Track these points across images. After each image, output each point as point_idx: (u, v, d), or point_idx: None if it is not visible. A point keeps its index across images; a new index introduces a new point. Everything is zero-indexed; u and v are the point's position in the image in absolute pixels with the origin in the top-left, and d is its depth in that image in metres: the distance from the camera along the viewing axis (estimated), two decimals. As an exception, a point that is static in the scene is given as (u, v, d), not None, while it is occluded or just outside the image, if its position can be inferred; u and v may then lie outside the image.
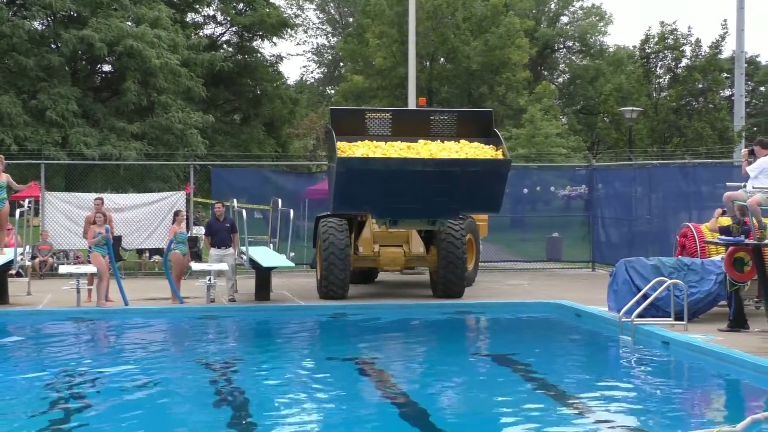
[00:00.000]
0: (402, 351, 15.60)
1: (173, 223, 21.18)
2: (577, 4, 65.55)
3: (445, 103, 50.68)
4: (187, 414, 10.93)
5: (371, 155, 18.87)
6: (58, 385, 12.19)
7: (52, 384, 12.25)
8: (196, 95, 32.87)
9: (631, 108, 36.63)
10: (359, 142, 19.46)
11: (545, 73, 64.57)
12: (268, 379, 12.78)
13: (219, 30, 44.11)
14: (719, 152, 34.33)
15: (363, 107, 30.77)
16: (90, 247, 19.76)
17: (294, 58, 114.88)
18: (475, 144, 19.71)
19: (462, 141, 19.82)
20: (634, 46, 49.16)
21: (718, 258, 17.36)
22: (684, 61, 40.26)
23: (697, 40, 40.20)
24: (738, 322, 15.64)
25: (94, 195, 24.34)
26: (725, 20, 41.15)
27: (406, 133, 20.02)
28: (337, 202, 19.36)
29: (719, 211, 17.85)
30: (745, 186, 15.34)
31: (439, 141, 19.83)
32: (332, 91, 71.24)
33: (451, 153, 19.17)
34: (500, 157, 19.27)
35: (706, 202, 24.58)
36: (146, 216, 26.22)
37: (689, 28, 61.43)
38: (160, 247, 25.53)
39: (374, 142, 19.56)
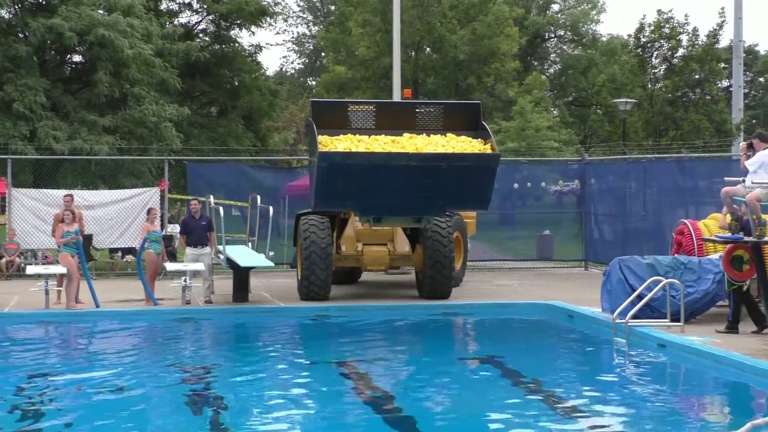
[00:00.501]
0: (387, 354, 15.60)
1: (147, 221, 21.11)
2: (569, -8, 65.67)
3: (431, 95, 50.68)
4: (162, 422, 10.90)
5: (354, 149, 18.87)
6: (26, 392, 12.15)
7: (20, 391, 12.20)
8: (171, 87, 32.74)
9: (625, 100, 36.72)
10: (341, 136, 19.45)
11: (535, 63, 64.57)
12: (247, 385, 12.76)
13: (195, 18, 43.93)
14: (717, 146, 34.45)
15: (345, 99, 30.73)
16: (59, 247, 19.69)
17: (273, 48, 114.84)
18: (463, 138, 19.72)
19: (449, 135, 19.84)
20: (629, 35, 49.28)
21: (715, 256, 17.40)
22: (680, 51, 40.39)
23: (694, 29, 40.36)
24: (758, 322, 15.64)
25: (63, 191, 24.25)
26: (723, 8, 41.22)
27: (390, 126, 20.03)
28: (319, 198, 19.35)
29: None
30: (743, 181, 15.38)
31: (425, 135, 19.83)
32: (313, 83, 71.18)
33: (438, 147, 19.18)
34: (489, 151, 19.29)
35: (703, 197, 24.64)
36: (118, 213, 26.14)
37: (686, 16, 61.70)
38: (133, 246, 25.46)
39: (357, 136, 19.56)
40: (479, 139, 19.69)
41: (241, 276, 20.66)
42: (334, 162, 18.59)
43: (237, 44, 42.82)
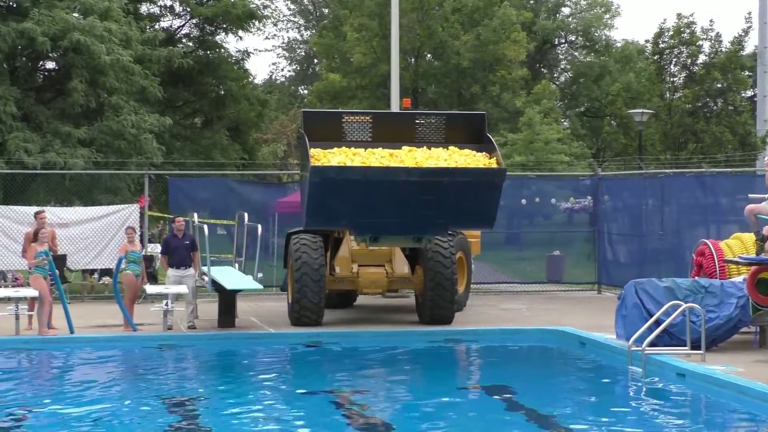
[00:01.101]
0: (384, 384, 15.60)
1: (127, 240, 21.10)
2: (581, -6, 65.86)
3: (432, 105, 50.77)
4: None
5: (349, 163, 18.91)
6: (-5, 426, 12.15)
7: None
8: (152, 96, 32.78)
9: (641, 110, 36.82)
10: (335, 149, 19.50)
11: (545, 71, 64.71)
12: (234, 418, 12.74)
13: (177, 22, 44.02)
14: (740, 160, 34.54)
15: (339, 110, 30.75)
16: (30, 268, 19.68)
17: (262, 54, 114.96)
18: (466, 151, 19.77)
19: (451, 148, 19.88)
20: (646, 41, 49.44)
21: (739, 279, 17.43)
22: (701, 58, 40.57)
23: (717, 35, 40.59)
24: None
25: (34, 208, 24.24)
26: (749, 13, 41.36)
27: (388, 138, 20.08)
28: (311, 216, 19.38)
29: None
30: (768, 198, 15.44)
31: (425, 148, 19.88)
32: (305, 92, 71.27)
33: (439, 161, 19.22)
34: (494, 165, 19.33)
35: (725, 215, 24.69)
36: (94, 232, 26.13)
37: (710, 21, 61.89)
38: (110, 267, 25.45)
39: (352, 149, 19.60)
40: (484, 153, 19.73)
41: (228, 299, 20.66)
42: (327, 177, 18.62)
43: (223, 50, 42.88)
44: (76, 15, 30.81)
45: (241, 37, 46.53)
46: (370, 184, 18.64)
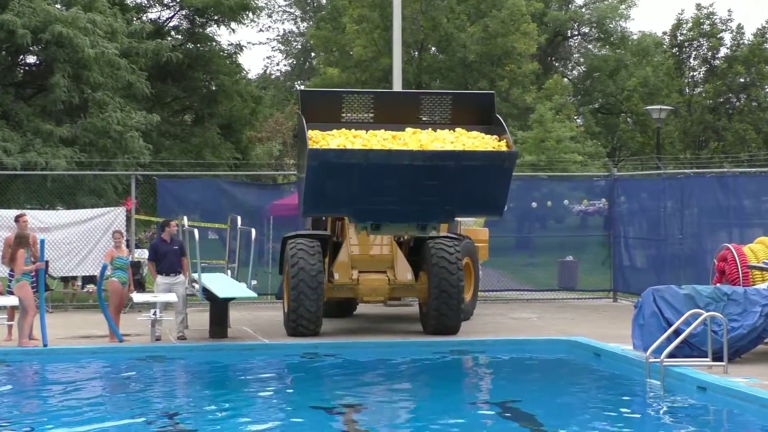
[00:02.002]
0: (386, 398, 15.59)
1: (113, 245, 21.09)
2: (595, -17, 65.99)
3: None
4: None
5: (349, 146, 18.89)
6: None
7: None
8: (139, 91, 32.81)
9: (659, 106, 36.82)
10: (335, 131, 19.49)
11: (556, 65, 64.82)
12: (225, 434, 12.76)
13: (166, 14, 44.08)
14: (764, 159, 34.52)
15: (339, 89, 30.41)
16: (10, 276, 19.63)
17: (256, 47, 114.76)
18: (474, 133, 19.75)
19: (458, 129, 19.86)
20: (663, 33, 49.52)
21: (763, 286, 17.41)
22: (723, 51, 40.61)
23: (739, 26, 40.69)
24: None
25: (15, 212, 24.26)
26: (772, 2, 41.36)
27: (391, 119, 20.07)
28: (309, 203, 19.45)
29: None
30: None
31: (430, 129, 19.87)
32: (302, 87, 71.33)
33: (445, 143, 19.20)
34: (504, 148, 19.27)
35: (749, 218, 24.69)
36: (78, 237, 26.14)
37: (729, 11, 61.92)
38: (95, 274, 25.45)
39: (353, 131, 19.57)
40: (494, 135, 19.70)
41: (220, 308, 20.65)
42: (326, 160, 18.63)
43: (214, 43, 42.92)
44: (58, 6, 30.84)
45: (233, 30, 46.45)
46: (371, 168, 18.64)
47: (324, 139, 19.12)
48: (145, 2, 43.35)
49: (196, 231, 20.89)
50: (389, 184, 18.83)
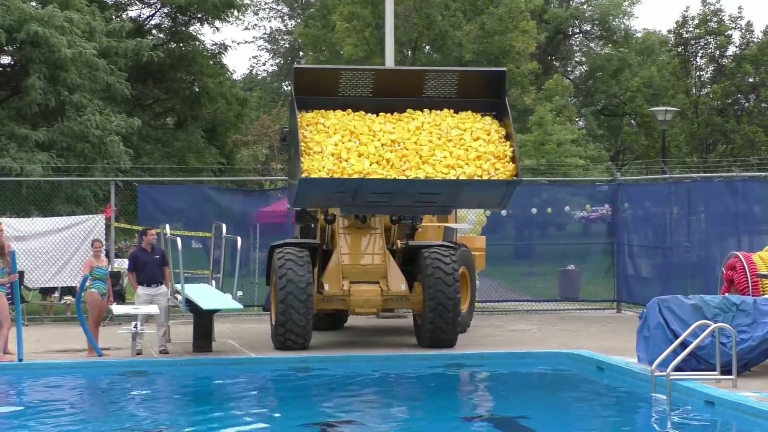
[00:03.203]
0: (378, 414, 15.59)
1: (92, 255, 21.07)
2: (597, -21, 66.10)
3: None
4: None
5: (344, 153, 18.92)
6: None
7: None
8: (118, 93, 32.83)
9: (664, 108, 36.89)
10: (330, 115, 19.53)
11: (557, 64, 64.92)
12: (210, 452, 12.76)
13: (146, 12, 44.16)
14: (775, 163, 34.58)
15: (338, 66, 30.04)
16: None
17: (241, 46, 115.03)
18: (480, 123, 19.76)
19: (462, 115, 19.87)
20: (668, 31, 49.63)
21: (774, 296, 17.45)
22: (731, 50, 40.68)
23: (748, 24, 40.73)
24: None
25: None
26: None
27: (392, 94, 20.06)
28: (299, 199, 19.89)
29: None
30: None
31: (434, 114, 19.88)
32: (289, 88, 71.27)
33: (449, 147, 19.25)
34: (508, 172, 19.22)
35: (758, 225, 24.75)
36: (55, 246, 26.14)
37: (739, 8, 62.05)
38: (73, 285, 25.45)
39: (351, 125, 19.50)
40: (495, 122, 19.84)
41: (204, 321, 20.66)
42: (317, 185, 18.86)
43: (197, 42, 43.00)
44: (33, 4, 30.86)
45: (218, 28, 46.79)
46: (365, 189, 18.94)
47: (318, 145, 19.11)
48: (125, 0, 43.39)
49: (179, 240, 20.87)
50: (384, 198, 19.25)
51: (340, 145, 19.12)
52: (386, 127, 19.51)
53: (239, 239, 22.00)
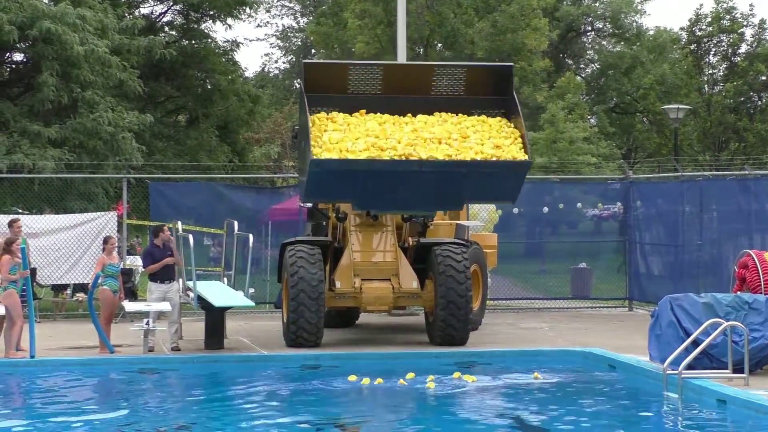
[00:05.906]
0: (390, 413, 15.58)
1: (103, 252, 21.09)
2: (609, -24, 66.00)
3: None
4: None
5: (352, 146, 18.90)
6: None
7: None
8: (131, 90, 32.88)
9: (677, 106, 36.83)
10: (336, 114, 19.49)
11: (569, 62, 64.85)
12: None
13: (159, 9, 44.23)
14: (788, 161, 34.52)
15: (346, 60, 30.11)
16: (2, 283, 19.65)
17: (254, 44, 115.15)
18: (491, 121, 19.75)
19: (471, 120, 19.86)
20: (681, 29, 49.58)
21: (787, 294, 17.41)
22: (744, 48, 40.61)
23: (762, 21, 40.63)
24: None
25: (6, 216, 24.30)
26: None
27: (400, 91, 20.05)
28: (310, 193, 19.87)
29: None
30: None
31: (445, 115, 19.86)
32: (299, 86, 71.29)
33: (459, 136, 19.22)
34: (519, 152, 19.19)
35: (771, 223, 24.68)
36: (67, 243, 26.16)
37: (751, 6, 61.89)
38: (85, 282, 25.47)
39: (364, 120, 19.50)
40: (504, 119, 19.82)
41: (215, 318, 20.68)
42: (328, 168, 18.74)
43: (210, 40, 43.05)
44: (46, 1, 30.88)
45: (230, 26, 46.75)
46: (377, 174, 18.88)
47: (325, 146, 19.11)
48: (138, -3, 43.45)
49: (190, 237, 20.88)
50: (396, 185, 19.02)
51: (352, 140, 19.12)
52: (395, 128, 19.53)
53: (251, 236, 22.03)
